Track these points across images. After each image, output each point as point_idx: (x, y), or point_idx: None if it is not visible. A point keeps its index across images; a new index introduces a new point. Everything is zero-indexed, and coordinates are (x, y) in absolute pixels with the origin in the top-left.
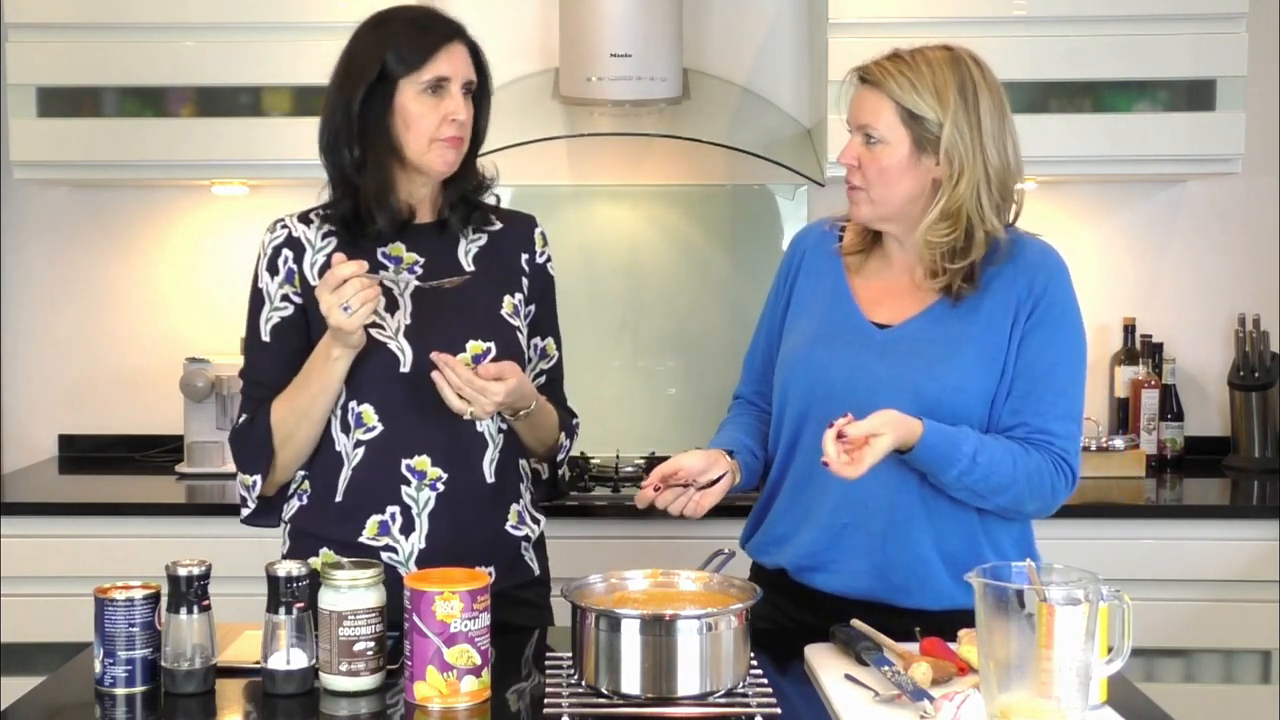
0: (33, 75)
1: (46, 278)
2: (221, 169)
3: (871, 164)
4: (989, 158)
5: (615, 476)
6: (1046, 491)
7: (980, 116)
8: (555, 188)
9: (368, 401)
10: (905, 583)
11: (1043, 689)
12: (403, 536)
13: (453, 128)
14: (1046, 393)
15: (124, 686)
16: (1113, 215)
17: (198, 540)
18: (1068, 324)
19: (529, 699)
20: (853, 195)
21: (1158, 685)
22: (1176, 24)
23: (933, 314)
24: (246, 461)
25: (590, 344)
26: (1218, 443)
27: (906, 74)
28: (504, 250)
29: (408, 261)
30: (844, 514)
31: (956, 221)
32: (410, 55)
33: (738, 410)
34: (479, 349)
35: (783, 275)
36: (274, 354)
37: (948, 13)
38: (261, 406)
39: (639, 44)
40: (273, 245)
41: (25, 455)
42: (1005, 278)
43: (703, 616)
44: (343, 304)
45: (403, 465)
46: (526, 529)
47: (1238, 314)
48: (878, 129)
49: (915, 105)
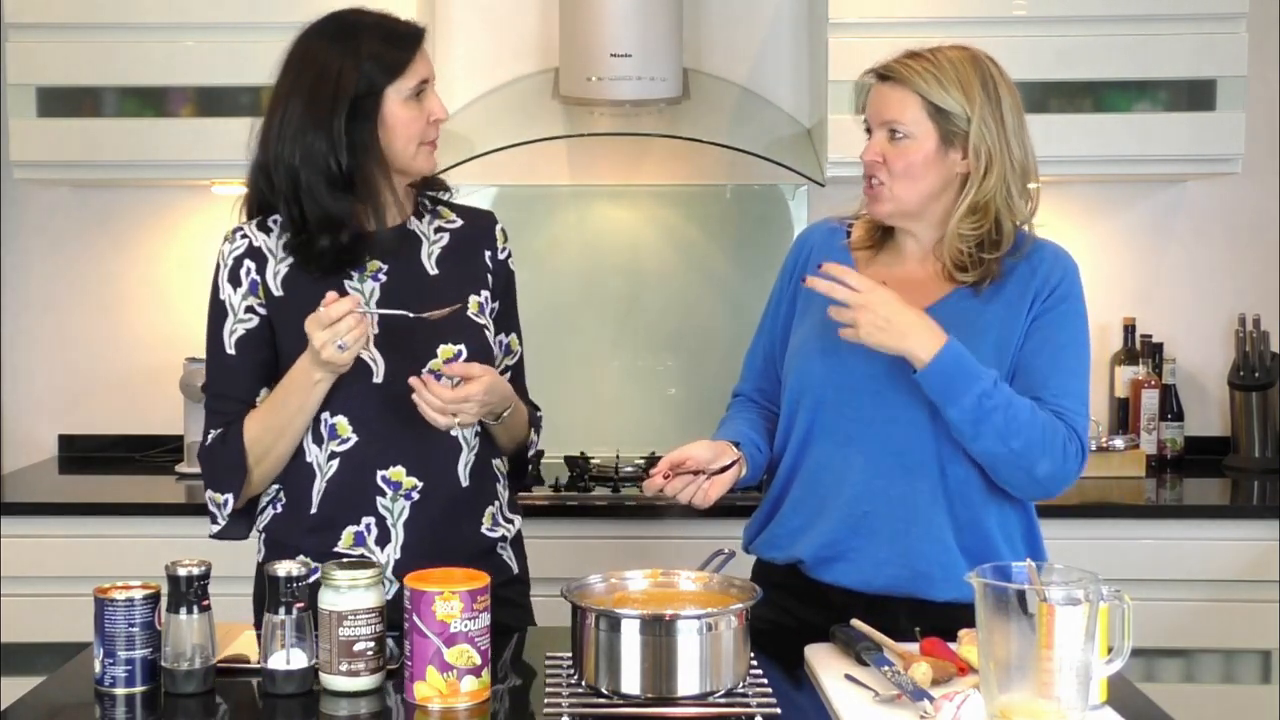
0: (33, 75)
1: (46, 278)
2: (221, 169)
3: (898, 159)
4: (1013, 152)
5: (615, 476)
6: (1059, 452)
7: (1004, 112)
8: (555, 188)
9: (341, 413)
10: (929, 570)
11: (1043, 689)
12: (378, 547)
13: (435, 128)
14: (1055, 372)
15: (124, 686)
16: (1113, 215)
17: (198, 540)
18: (1077, 316)
19: (529, 699)
20: (875, 192)
21: (1158, 685)
22: (1176, 24)
23: (949, 304)
24: (219, 480)
25: (590, 344)
26: (1218, 443)
27: (931, 70)
28: (467, 249)
29: (371, 269)
30: (864, 502)
31: (986, 214)
32: (393, 63)
33: (739, 407)
34: (449, 353)
35: (787, 273)
36: (239, 367)
37: (948, 13)
38: (232, 424)
39: (639, 44)
40: (233, 256)
41: (25, 455)
42: (1022, 271)
43: (703, 616)
44: (338, 341)
45: (378, 476)
46: (502, 529)
47: (1238, 314)
48: (904, 123)
49: (942, 100)
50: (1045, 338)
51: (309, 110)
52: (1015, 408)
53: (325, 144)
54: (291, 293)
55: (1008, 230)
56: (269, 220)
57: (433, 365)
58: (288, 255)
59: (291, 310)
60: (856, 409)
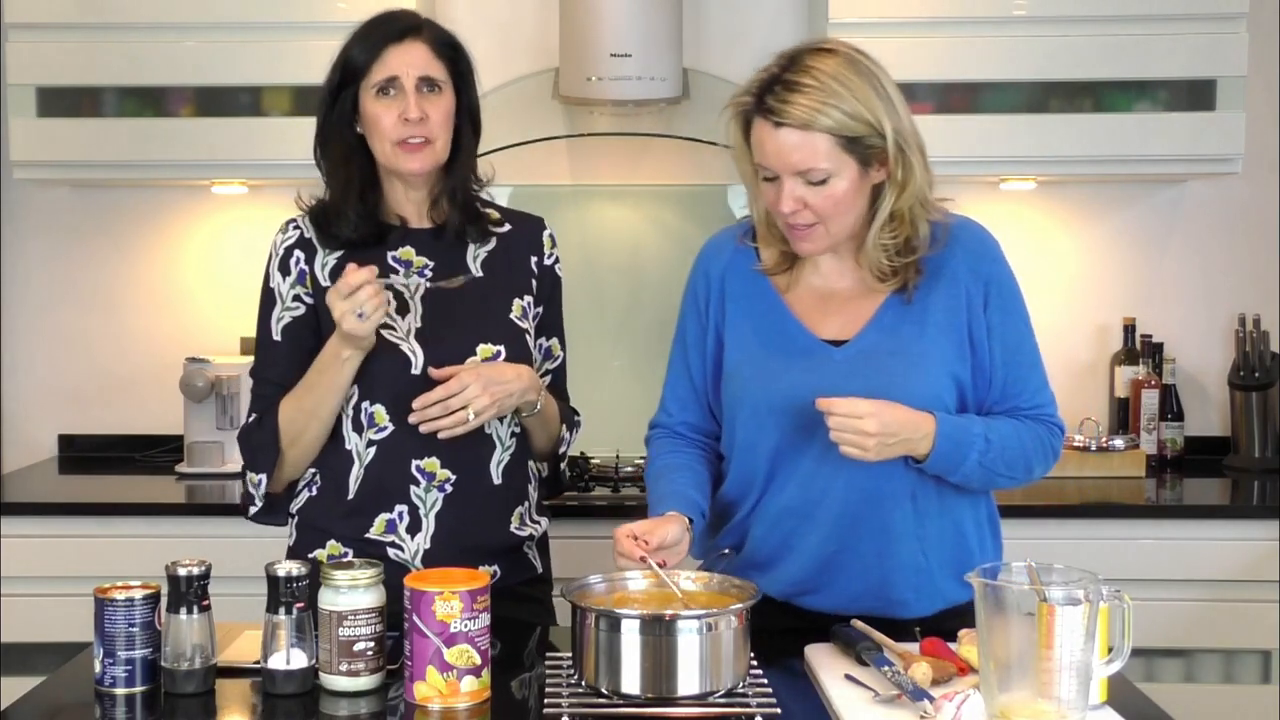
0: (33, 75)
1: (46, 278)
2: (221, 169)
3: (824, 202)
4: (920, 141)
5: (615, 476)
6: (1049, 453)
7: (897, 106)
8: (555, 188)
9: (380, 402)
10: (903, 595)
11: (1043, 689)
12: (409, 536)
13: (408, 128)
14: (1021, 369)
15: (124, 686)
16: (1113, 215)
17: (198, 540)
18: (1016, 298)
19: (529, 699)
20: (803, 234)
21: (1158, 685)
22: (1176, 24)
23: (884, 321)
24: (255, 460)
25: (590, 344)
26: (1218, 443)
27: (828, 101)
28: (513, 253)
29: (417, 265)
30: (831, 543)
31: (903, 220)
32: (361, 57)
33: (672, 448)
34: (489, 352)
35: (699, 301)
36: (285, 353)
37: (948, 13)
38: (271, 406)
39: (639, 44)
40: (285, 246)
41: (25, 455)
42: (947, 265)
43: (703, 616)
44: (357, 310)
45: (412, 466)
46: (530, 529)
47: (1238, 314)
48: (820, 166)
49: (852, 129)
50: (1005, 344)
51: (321, 101)
52: (1009, 446)
53: (322, 134)
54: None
55: (924, 234)
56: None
57: (469, 362)
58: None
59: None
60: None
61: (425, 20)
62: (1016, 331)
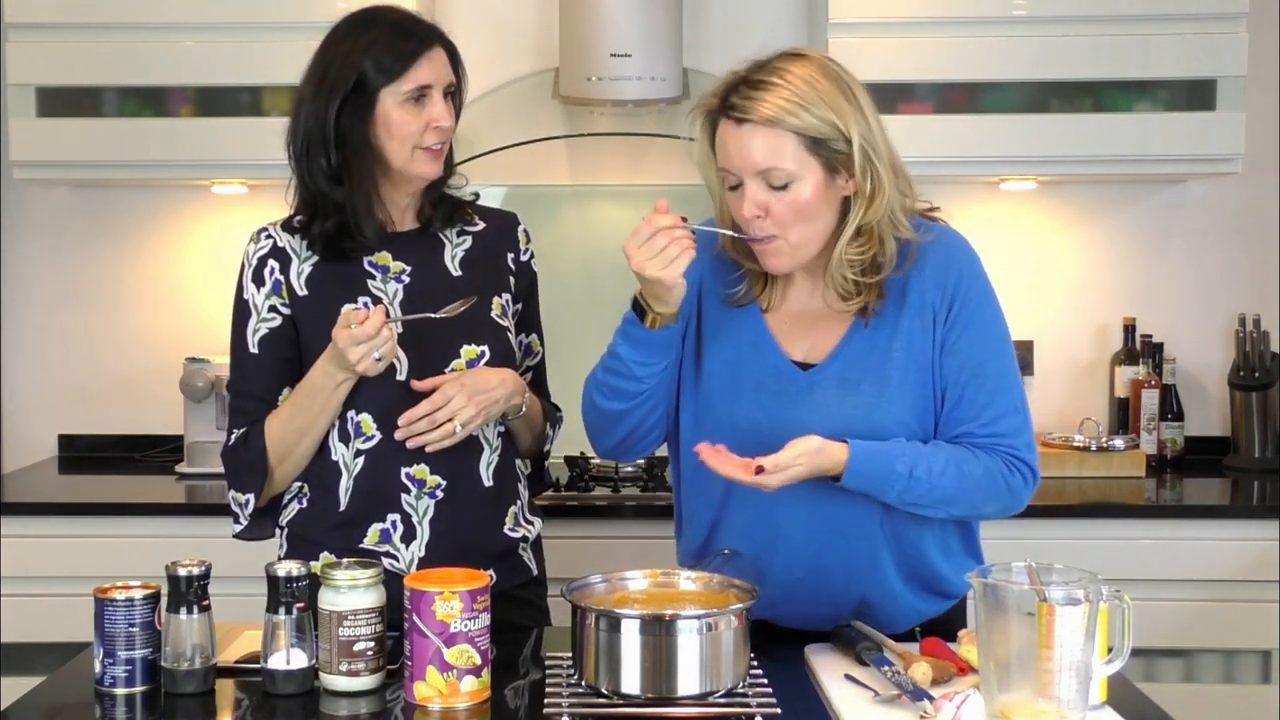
0: (33, 75)
1: (46, 278)
2: (221, 169)
3: (787, 209)
4: (892, 155)
5: (615, 476)
6: (1003, 491)
7: (868, 116)
8: (555, 188)
9: (366, 410)
10: (875, 617)
11: (1043, 689)
12: (403, 545)
13: (436, 135)
14: (979, 395)
15: (124, 686)
16: (1113, 215)
17: (198, 540)
18: (986, 316)
19: (529, 699)
20: (767, 247)
21: (1158, 685)
22: (1176, 24)
23: (851, 345)
24: (241, 480)
25: (590, 344)
26: (1218, 443)
27: (794, 99)
28: (490, 252)
29: (395, 270)
30: (796, 570)
31: (871, 236)
32: (391, 64)
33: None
34: (473, 354)
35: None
36: (264, 365)
37: (948, 13)
38: (255, 423)
39: (639, 44)
40: (258, 256)
41: (25, 455)
42: (914, 284)
43: (703, 616)
44: (375, 354)
45: (402, 473)
46: (524, 530)
47: (1238, 314)
48: (784, 168)
49: (818, 130)
50: (961, 361)
51: (314, 98)
52: (940, 487)
53: (319, 132)
54: (315, 292)
55: (890, 251)
56: (294, 220)
57: (455, 365)
58: (311, 254)
59: (315, 309)
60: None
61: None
62: (980, 350)
